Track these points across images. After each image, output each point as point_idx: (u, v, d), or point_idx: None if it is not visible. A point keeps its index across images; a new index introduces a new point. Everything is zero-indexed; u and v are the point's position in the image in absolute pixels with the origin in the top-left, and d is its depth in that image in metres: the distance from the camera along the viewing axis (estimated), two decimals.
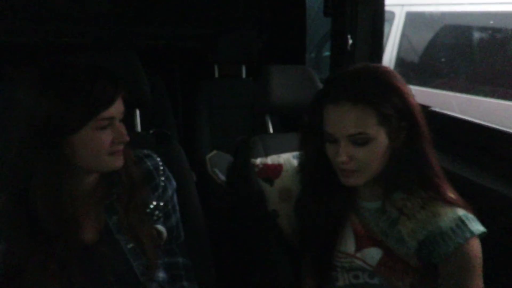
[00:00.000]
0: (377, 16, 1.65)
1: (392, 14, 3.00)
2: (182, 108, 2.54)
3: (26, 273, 0.80)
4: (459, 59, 2.80)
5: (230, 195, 1.41)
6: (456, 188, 0.89)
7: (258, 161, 1.23)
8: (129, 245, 0.90)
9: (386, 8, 1.67)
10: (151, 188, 0.96)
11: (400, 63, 2.95)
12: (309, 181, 0.99)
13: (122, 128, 0.86)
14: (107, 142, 0.83)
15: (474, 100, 2.53)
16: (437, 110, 1.39)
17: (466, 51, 2.74)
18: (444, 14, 2.85)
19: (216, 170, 2.03)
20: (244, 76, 2.50)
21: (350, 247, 0.94)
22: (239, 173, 1.32)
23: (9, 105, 0.83)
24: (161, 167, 0.99)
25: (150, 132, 1.33)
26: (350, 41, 1.66)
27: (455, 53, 2.81)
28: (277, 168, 1.20)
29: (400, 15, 2.99)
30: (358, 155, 0.83)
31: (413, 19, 2.98)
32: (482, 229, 0.83)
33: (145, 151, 1.01)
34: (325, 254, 0.96)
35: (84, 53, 1.13)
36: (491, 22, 2.57)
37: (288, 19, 2.45)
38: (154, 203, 0.96)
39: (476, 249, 0.82)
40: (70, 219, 0.83)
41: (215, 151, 2.16)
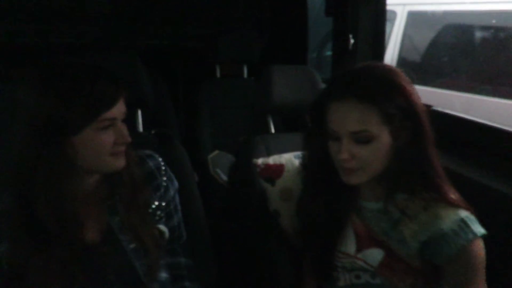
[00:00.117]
0: (378, 15, 1.65)
1: (394, 14, 3.00)
2: (183, 108, 2.54)
3: (28, 273, 0.80)
4: (461, 58, 2.80)
5: (232, 195, 1.41)
6: (458, 188, 0.88)
7: (260, 161, 1.23)
8: (131, 245, 0.90)
9: (387, 7, 1.66)
10: (153, 188, 0.96)
11: (402, 62, 2.94)
12: (311, 181, 0.99)
13: (124, 129, 0.86)
14: (109, 143, 0.83)
15: (476, 100, 2.52)
16: (439, 109, 1.39)
17: (468, 50, 2.73)
18: (446, 13, 2.85)
19: (218, 170, 2.03)
20: (246, 76, 2.50)
21: (350, 248, 0.93)
22: (241, 173, 1.32)
23: (11, 105, 0.83)
24: (163, 167, 0.99)
25: (152, 132, 1.33)
26: (352, 40, 1.66)
27: (457, 52, 2.81)
28: (278, 168, 1.20)
29: (402, 15, 2.98)
30: (360, 153, 0.83)
31: (415, 19, 2.98)
32: (484, 231, 0.83)
33: (147, 151, 1.01)
34: (326, 254, 0.96)
35: (85, 54, 1.13)
36: (493, 21, 2.56)
37: (290, 19, 2.45)
38: (156, 203, 0.96)
39: (479, 251, 0.82)
40: (72, 219, 0.83)
41: (217, 151, 2.17)
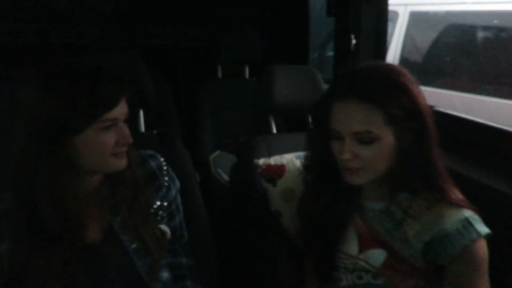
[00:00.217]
0: (380, 15, 1.64)
1: (396, 14, 2.99)
2: (185, 108, 2.54)
3: (30, 273, 0.80)
4: (463, 59, 2.79)
5: (233, 195, 1.41)
6: (460, 188, 0.88)
7: (261, 161, 1.23)
8: (133, 245, 0.90)
9: (389, 7, 1.66)
10: (154, 188, 0.96)
11: (404, 62, 2.94)
12: (314, 180, 0.99)
13: (125, 130, 0.86)
14: (111, 144, 0.83)
15: (478, 100, 2.52)
16: (441, 109, 1.38)
17: (470, 50, 2.73)
18: (448, 14, 2.84)
19: (219, 170, 2.03)
20: (247, 76, 2.50)
21: (353, 249, 0.93)
22: (242, 174, 1.32)
23: (12, 105, 0.83)
24: (164, 167, 0.99)
25: (154, 132, 1.33)
26: (354, 41, 1.65)
27: (459, 52, 2.80)
28: (280, 169, 1.20)
29: (404, 15, 2.98)
30: (362, 153, 0.82)
31: (417, 19, 2.97)
32: (488, 230, 0.83)
33: (148, 151, 1.01)
34: (327, 254, 0.96)
35: (87, 54, 1.14)
36: (496, 21, 2.56)
37: (291, 19, 2.45)
38: (158, 203, 0.96)
39: (483, 250, 0.82)
40: (73, 219, 0.83)
41: (218, 152, 2.17)
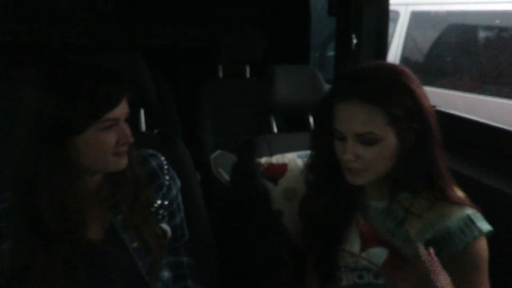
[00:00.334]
0: (381, 15, 1.64)
1: (397, 14, 2.99)
2: (186, 108, 2.55)
3: (31, 273, 0.80)
4: (464, 58, 2.79)
5: (234, 195, 1.41)
6: (462, 188, 0.88)
7: (263, 160, 1.23)
8: (133, 244, 0.90)
9: (390, 7, 1.66)
10: (155, 187, 0.96)
11: (405, 62, 2.94)
12: (316, 180, 0.99)
13: (126, 129, 0.86)
14: (112, 143, 0.83)
15: (479, 100, 2.52)
16: (443, 109, 1.38)
17: (471, 50, 2.72)
18: (449, 13, 2.84)
19: (220, 169, 2.03)
20: (248, 76, 2.50)
21: (355, 247, 0.93)
22: (243, 173, 1.32)
23: (13, 104, 0.83)
24: (165, 166, 1.00)
25: (155, 131, 1.33)
26: (355, 40, 1.65)
27: (461, 52, 2.80)
28: (281, 168, 1.20)
29: (405, 15, 2.98)
30: (365, 154, 0.82)
31: (418, 19, 2.97)
32: (490, 228, 0.83)
33: (149, 150, 1.01)
34: (329, 253, 0.96)
35: (88, 53, 1.14)
36: (497, 21, 2.56)
37: (292, 19, 2.44)
38: (159, 202, 0.97)
39: (484, 248, 0.82)
40: (74, 218, 0.83)
41: (219, 151, 2.17)
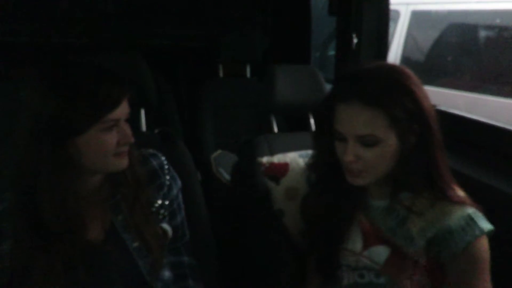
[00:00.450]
0: (382, 14, 1.64)
1: (397, 13, 2.99)
2: (186, 107, 2.55)
3: (31, 273, 0.80)
4: (465, 58, 2.79)
5: (234, 195, 1.40)
6: (462, 188, 0.88)
7: (265, 159, 1.23)
8: (134, 244, 0.90)
9: (391, 7, 1.66)
10: (156, 187, 0.97)
11: (405, 62, 2.93)
12: (318, 179, 0.99)
13: (127, 129, 0.86)
14: (113, 144, 0.83)
15: (480, 99, 2.51)
16: (443, 109, 1.38)
17: (472, 49, 2.72)
18: (450, 13, 2.84)
19: (220, 169, 2.03)
20: (249, 75, 2.50)
21: (357, 245, 0.93)
22: (244, 173, 1.32)
23: (13, 105, 0.83)
24: (166, 166, 1.00)
25: (155, 131, 1.33)
26: (355, 40, 1.65)
27: (461, 51, 2.80)
28: (283, 167, 1.20)
29: (406, 14, 2.98)
30: (365, 155, 0.82)
31: (419, 18, 2.97)
32: (491, 227, 0.83)
33: (150, 150, 1.01)
34: (331, 252, 0.96)
35: (88, 54, 1.14)
36: (498, 20, 2.55)
37: (293, 18, 2.44)
38: (160, 202, 0.97)
39: (485, 247, 0.82)
40: (75, 218, 0.83)
41: (219, 151, 2.17)
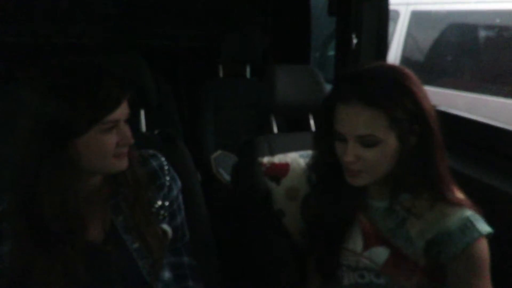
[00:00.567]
0: (382, 15, 1.64)
1: (397, 13, 2.99)
2: (186, 108, 2.55)
3: (32, 274, 0.80)
4: (465, 58, 2.79)
5: (235, 195, 1.41)
6: (462, 188, 0.88)
7: (265, 160, 1.23)
8: (134, 245, 0.90)
9: (390, 7, 1.66)
10: (156, 188, 0.96)
11: (405, 62, 2.93)
12: (319, 179, 0.99)
13: (127, 130, 0.86)
14: (112, 145, 0.83)
15: (480, 99, 2.51)
16: (443, 109, 1.38)
17: (472, 49, 2.72)
18: (449, 13, 2.84)
19: (220, 170, 2.04)
20: (249, 75, 2.50)
21: (357, 246, 0.93)
22: (244, 173, 1.32)
23: (14, 105, 0.83)
24: (166, 167, 1.00)
25: (155, 132, 1.33)
26: (355, 40, 1.65)
27: (461, 51, 2.80)
28: (284, 167, 1.20)
29: (405, 14, 2.98)
30: (365, 156, 0.82)
31: (418, 18, 2.97)
32: (489, 229, 0.83)
33: (150, 151, 1.01)
34: (332, 252, 0.96)
35: (89, 55, 1.13)
36: (498, 20, 2.55)
37: (293, 18, 2.44)
38: (160, 202, 0.96)
39: (484, 249, 0.82)
40: (75, 219, 0.83)
41: (219, 151, 2.17)
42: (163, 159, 1.00)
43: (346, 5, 1.68)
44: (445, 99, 2.54)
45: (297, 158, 1.21)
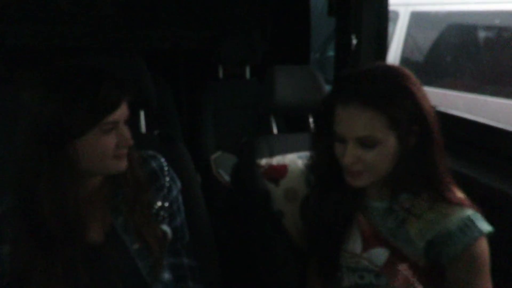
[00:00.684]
0: (381, 15, 1.64)
1: (397, 14, 2.99)
2: (186, 109, 2.55)
3: (32, 275, 0.80)
4: (464, 59, 2.79)
5: (234, 196, 1.41)
6: (462, 188, 0.88)
7: (264, 162, 1.23)
8: (134, 246, 0.90)
9: (390, 7, 1.66)
10: (156, 189, 0.96)
11: (405, 62, 2.94)
12: (318, 181, 0.99)
13: (126, 132, 0.86)
14: (112, 146, 0.83)
15: (479, 100, 2.51)
16: (443, 110, 1.38)
17: (471, 50, 2.72)
18: (449, 13, 2.84)
19: (220, 171, 2.04)
20: (249, 76, 2.50)
21: (356, 247, 0.93)
22: (244, 174, 1.32)
23: (14, 107, 0.83)
24: (165, 168, 1.00)
25: (155, 133, 1.33)
26: (354, 41, 1.65)
27: (461, 52, 2.80)
28: (282, 169, 1.20)
29: (405, 15, 2.98)
30: (365, 157, 0.82)
31: (418, 19, 2.97)
32: (490, 228, 0.83)
33: (150, 152, 1.01)
34: (331, 253, 0.96)
35: (88, 56, 1.13)
36: (497, 21, 2.55)
37: (292, 19, 2.45)
38: (159, 203, 0.96)
39: (484, 249, 0.82)
40: (75, 220, 0.83)
41: (219, 152, 2.17)
42: (162, 160, 1.00)
43: (345, 5, 1.68)
44: (445, 99, 2.54)
45: (295, 160, 1.22)
